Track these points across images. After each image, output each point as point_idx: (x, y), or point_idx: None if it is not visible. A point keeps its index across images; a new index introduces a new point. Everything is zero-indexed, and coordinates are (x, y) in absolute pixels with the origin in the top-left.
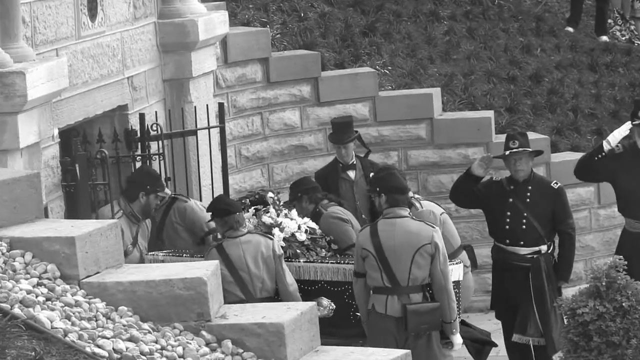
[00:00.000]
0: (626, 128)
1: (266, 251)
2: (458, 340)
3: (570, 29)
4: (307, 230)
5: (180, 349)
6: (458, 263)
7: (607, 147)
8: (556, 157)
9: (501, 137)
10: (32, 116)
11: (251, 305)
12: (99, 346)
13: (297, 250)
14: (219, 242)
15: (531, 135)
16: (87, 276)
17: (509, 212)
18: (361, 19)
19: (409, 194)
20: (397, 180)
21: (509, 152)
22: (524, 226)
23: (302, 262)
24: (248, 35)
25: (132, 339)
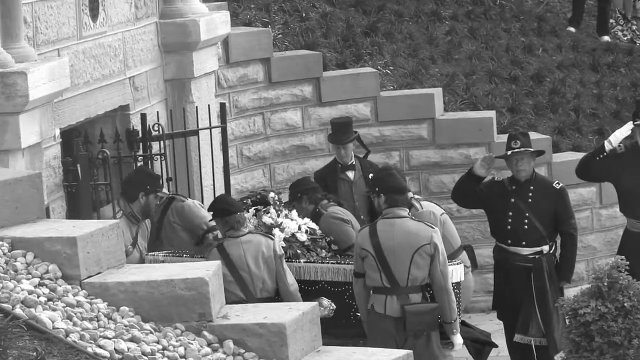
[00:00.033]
0: (628, 128)
1: (267, 251)
2: (458, 341)
3: (572, 29)
4: (307, 231)
5: (181, 349)
6: (458, 264)
7: (608, 147)
8: (558, 157)
9: (503, 137)
10: (33, 116)
11: (253, 306)
12: (100, 346)
13: (298, 251)
14: (220, 242)
15: (533, 136)
16: (89, 276)
17: (511, 213)
18: (363, 19)
19: (409, 195)
20: (396, 181)
21: (510, 152)
22: (526, 226)
23: (303, 263)
24: (250, 36)
25: (133, 339)
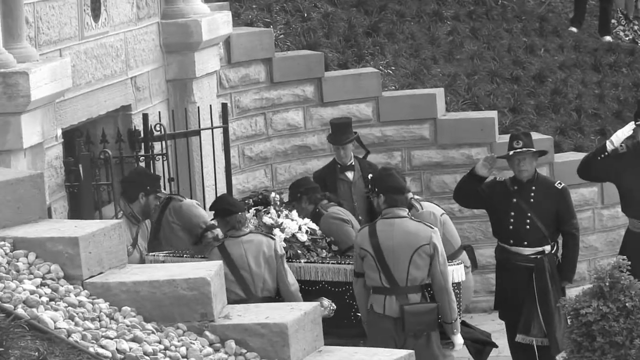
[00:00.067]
0: (629, 128)
1: (268, 251)
2: (459, 341)
3: (574, 29)
4: (307, 231)
5: (183, 349)
6: (459, 264)
7: (610, 147)
8: (559, 158)
9: (505, 138)
10: (35, 116)
11: (254, 306)
12: (102, 346)
13: (298, 251)
14: (221, 242)
15: (535, 136)
16: (91, 276)
17: (513, 213)
18: (364, 19)
19: (409, 195)
20: (395, 181)
21: (512, 152)
22: (528, 226)
23: (303, 263)
24: (251, 36)
25: (135, 339)
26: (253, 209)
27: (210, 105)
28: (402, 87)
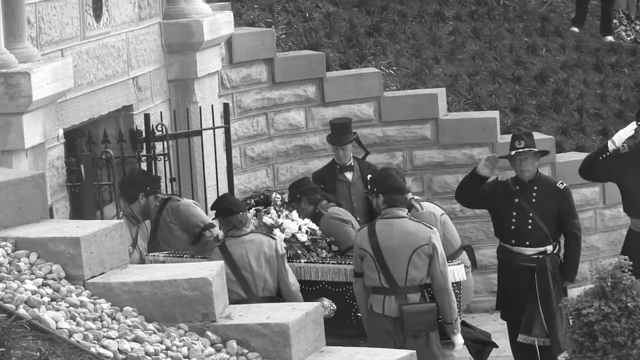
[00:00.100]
0: (631, 128)
1: (269, 251)
2: (459, 341)
3: (576, 29)
4: (307, 232)
5: (185, 350)
6: (459, 264)
7: (611, 147)
8: (561, 158)
9: (506, 137)
10: (37, 117)
11: (256, 306)
12: (104, 347)
13: (298, 251)
14: (222, 241)
15: (536, 136)
16: (92, 276)
17: (515, 213)
18: (366, 19)
19: (409, 196)
20: (394, 181)
21: (514, 152)
22: (530, 226)
23: (303, 263)
24: (253, 36)
25: (137, 340)
26: (253, 209)
27: (212, 106)
28: (404, 87)
